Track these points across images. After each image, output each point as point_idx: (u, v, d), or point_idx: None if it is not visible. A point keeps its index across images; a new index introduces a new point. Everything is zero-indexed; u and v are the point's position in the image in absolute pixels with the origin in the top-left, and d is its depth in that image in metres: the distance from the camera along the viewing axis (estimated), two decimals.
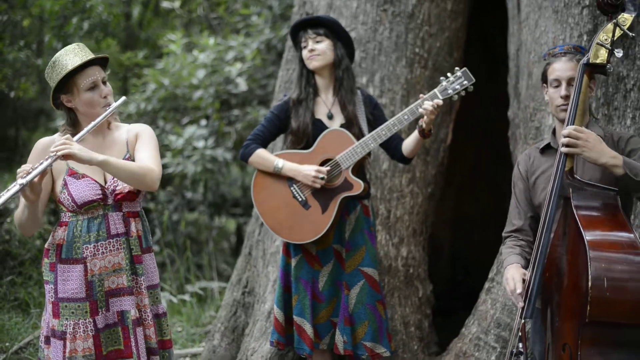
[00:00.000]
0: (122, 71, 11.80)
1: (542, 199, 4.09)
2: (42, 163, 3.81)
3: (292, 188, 5.21)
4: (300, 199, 5.20)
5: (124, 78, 12.06)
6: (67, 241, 4.10)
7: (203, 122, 9.35)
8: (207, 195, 9.67)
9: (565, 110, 4.09)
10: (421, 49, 6.40)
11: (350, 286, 5.26)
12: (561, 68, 4.12)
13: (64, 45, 10.71)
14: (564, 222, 3.84)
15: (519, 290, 3.87)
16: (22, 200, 3.95)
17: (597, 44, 3.90)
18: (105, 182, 4.16)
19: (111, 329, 4.16)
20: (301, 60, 5.34)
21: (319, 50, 5.23)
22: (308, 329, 5.19)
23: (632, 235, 3.66)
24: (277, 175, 5.23)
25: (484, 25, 8.18)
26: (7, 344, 6.54)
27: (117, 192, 4.15)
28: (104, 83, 4.15)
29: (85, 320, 4.08)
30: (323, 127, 5.26)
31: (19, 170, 3.82)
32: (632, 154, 3.95)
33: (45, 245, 4.20)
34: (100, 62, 4.17)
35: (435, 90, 5.05)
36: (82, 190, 4.07)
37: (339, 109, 5.32)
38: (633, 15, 3.90)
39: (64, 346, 4.07)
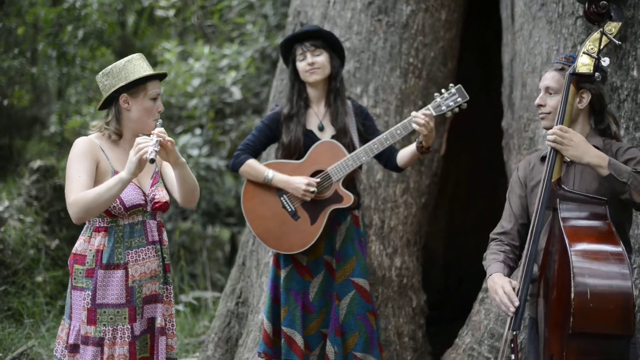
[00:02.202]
0: None
1: None
2: (152, 139, 3.89)
3: (282, 198, 5.21)
4: (289, 210, 5.20)
5: None
6: (108, 246, 4.10)
7: (197, 130, 9.35)
8: (201, 204, 9.66)
9: (543, 118, 4.15)
10: (415, 59, 6.40)
11: (340, 297, 5.24)
12: (543, 77, 4.16)
13: (59, 53, 10.74)
14: (552, 233, 3.85)
15: (516, 303, 3.86)
16: (112, 180, 3.96)
17: (584, 53, 3.92)
18: (144, 190, 4.22)
19: (142, 336, 4.19)
20: (294, 73, 5.31)
21: (318, 64, 5.21)
22: (299, 339, 5.17)
23: (618, 246, 3.66)
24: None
25: (480, 35, 8.19)
26: (0, 354, 6.51)
27: (155, 200, 4.21)
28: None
29: (124, 326, 4.09)
30: (314, 138, 5.25)
31: (139, 140, 3.89)
32: (629, 163, 3.95)
33: (77, 252, 4.16)
34: (162, 78, 4.29)
35: (429, 106, 5.04)
36: (130, 194, 4.10)
37: (330, 120, 5.32)
38: (619, 23, 3.91)
39: (102, 352, 4.07)
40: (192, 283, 8.87)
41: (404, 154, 5.24)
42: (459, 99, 5.03)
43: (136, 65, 4.12)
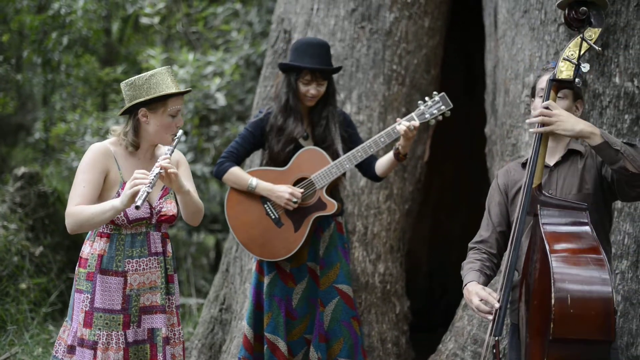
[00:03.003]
0: (101, 87, 11.78)
1: None
2: (153, 172, 3.90)
3: (265, 205, 5.21)
4: (273, 217, 5.20)
5: (103, 94, 12.04)
6: (108, 253, 4.16)
7: (182, 137, 9.33)
8: None
9: None
10: (399, 65, 6.42)
11: (325, 303, 5.25)
12: (540, 81, 4.13)
13: (44, 60, 10.74)
14: (533, 240, 3.84)
15: (496, 305, 3.85)
16: (107, 204, 3.99)
17: (564, 59, 3.90)
18: (152, 202, 4.23)
19: (139, 346, 4.20)
20: (293, 88, 5.24)
21: (320, 94, 5.23)
22: (282, 346, 5.18)
23: (599, 251, 3.64)
24: None
25: (462, 42, 8.21)
26: None
27: (162, 213, 4.23)
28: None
29: (117, 332, 4.13)
30: (298, 146, 5.25)
31: (137, 176, 3.88)
32: None
33: (82, 255, 4.24)
34: (187, 92, 4.30)
35: (413, 114, 5.07)
36: None
37: (313, 129, 5.33)
38: (599, 29, 3.91)
39: (94, 356, 4.10)
40: None
41: (382, 163, 5.26)
42: (443, 107, 5.05)
43: (159, 81, 4.13)
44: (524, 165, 4.19)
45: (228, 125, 9.28)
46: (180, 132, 4.21)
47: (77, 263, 4.27)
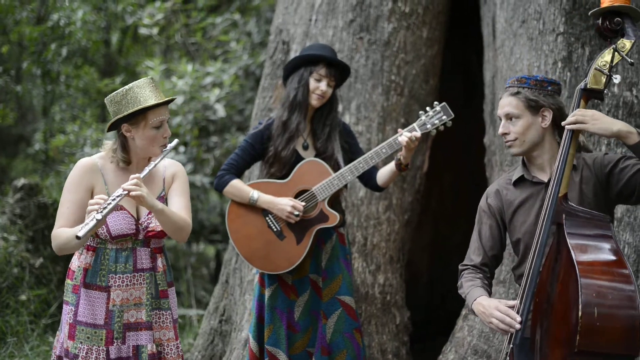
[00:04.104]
0: (101, 98, 11.79)
1: (523, 233, 4.04)
2: (113, 199, 3.85)
3: (267, 218, 5.19)
4: (275, 229, 5.19)
5: (102, 105, 12.05)
6: (93, 267, 4.13)
7: (181, 148, 9.34)
8: None
9: (510, 146, 4.07)
10: (397, 76, 6.43)
11: (327, 315, 5.24)
12: (500, 104, 4.09)
13: (43, 71, 10.74)
14: (556, 249, 3.78)
15: (518, 318, 3.82)
16: (73, 231, 3.96)
17: (595, 69, 3.84)
18: (139, 218, 4.19)
19: None
20: (305, 87, 5.23)
21: (327, 94, 5.23)
22: (283, 359, 5.17)
23: (625, 266, 3.60)
24: None
25: (460, 52, 8.22)
26: None
27: (149, 229, 4.18)
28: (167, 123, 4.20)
29: (99, 347, 4.10)
30: (298, 157, 5.25)
31: (91, 202, 3.86)
32: (620, 164, 3.92)
33: (70, 267, 4.22)
34: (169, 102, 4.22)
35: (414, 124, 5.05)
36: (119, 223, 4.10)
37: (314, 140, 5.32)
38: (632, 41, 3.87)
39: None
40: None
41: (383, 173, 5.25)
42: (444, 117, 5.04)
43: (137, 94, 4.07)
44: (515, 183, 4.13)
45: (227, 136, 9.29)
46: (174, 142, 4.20)
47: (66, 274, 4.26)
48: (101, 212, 3.77)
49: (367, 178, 5.33)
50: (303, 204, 5.13)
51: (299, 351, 5.27)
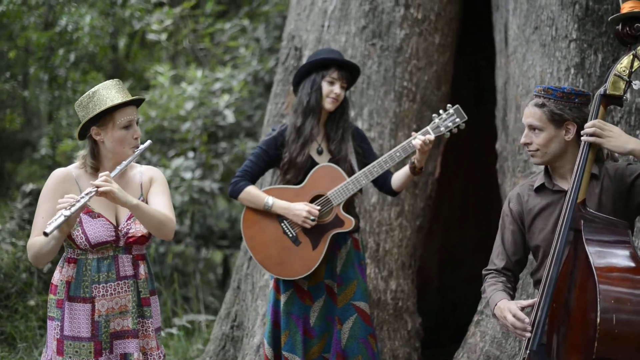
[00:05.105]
0: None
1: (541, 240, 4.03)
2: (82, 197, 3.81)
3: (282, 224, 5.19)
4: (290, 235, 5.18)
5: None
6: (75, 279, 4.07)
7: (190, 154, 9.35)
8: (195, 227, 9.65)
9: (533, 156, 4.05)
10: (409, 82, 6.44)
11: (342, 321, 5.23)
12: (525, 113, 4.07)
13: (50, 77, 10.73)
14: (574, 255, 3.77)
15: (526, 320, 3.82)
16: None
17: (615, 75, 3.81)
18: (118, 224, 4.15)
19: None
20: (318, 92, 5.24)
21: (341, 97, 5.23)
22: None
23: None
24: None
25: (472, 58, 8.23)
26: None
27: (129, 235, 4.13)
28: (137, 123, 4.16)
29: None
30: (313, 163, 5.25)
31: (61, 201, 3.81)
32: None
33: (53, 281, 4.16)
34: (137, 103, 4.18)
35: (428, 127, 5.05)
36: (97, 230, 4.05)
37: (328, 144, 5.33)
38: None
39: None
40: (185, 306, 8.84)
41: (398, 177, 5.26)
42: (457, 119, 5.04)
43: (103, 95, 4.04)
44: (537, 190, 4.15)
45: (236, 141, 9.31)
46: (146, 143, 4.17)
47: (49, 289, 4.19)
48: (69, 209, 3.74)
49: (382, 182, 5.33)
50: (318, 208, 5.14)
51: (315, 356, 5.26)
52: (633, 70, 3.84)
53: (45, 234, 3.71)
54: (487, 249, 4.42)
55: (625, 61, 3.86)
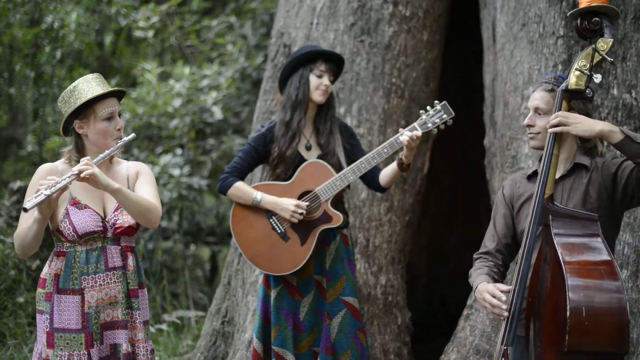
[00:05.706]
0: None
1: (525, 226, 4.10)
2: (64, 179, 3.84)
3: (271, 220, 5.22)
4: (279, 231, 5.21)
5: None
6: (64, 271, 4.09)
7: (178, 150, 9.35)
8: (183, 223, 9.65)
9: (532, 138, 4.14)
10: (398, 79, 6.47)
11: (332, 316, 5.26)
12: (532, 97, 4.15)
13: (36, 74, 10.71)
14: (545, 249, 3.83)
15: (503, 298, 3.88)
16: (31, 218, 3.97)
17: (576, 69, 3.88)
18: (105, 215, 4.17)
19: None
20: (306, 85, 5.27)
21: (330, 88, 5.27)
22: (291, 359, 5.21)
23: (611, 263, 3.64)
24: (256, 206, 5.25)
25: (460, 55, 8.27)
26: None
27: (117, 225, 4.16)
28: (119, 116, 4.19)
29: (80, 352, 4.07)
30: (301, 159, 5.28)
31: (42, 182, 3.85)
32: (622, 165, 3.95)
33: (41, 275, 4.17)
34: (118, 95, 4.22)
35: (415, 124, 5.09)
36: (84, 221, 4.07)
37: (316, 140, 5.36)
38: (611, 40, 3.91)
39: None
40: (174, 302, 8.85)
41: (386, 173, 5.29)
42: (445, 116, 5.08)
43: (84, 88, 4.08)
44: (529, 177, 4.20)
45: (224, 138, 9.30)
46: (131, 135, 4.20)
47: (38, 284, 4.22)
48: (50, 189, 3.78)
49: (370, 178, 5.36)
50: (307, 203, 5.17)
51: (305, 350, 5.30)
52: (594, 64, 3.90)
53: (25, 210, 3.74)
54: (474, 244, 4.47)
55: (585, 56, 3.92)
